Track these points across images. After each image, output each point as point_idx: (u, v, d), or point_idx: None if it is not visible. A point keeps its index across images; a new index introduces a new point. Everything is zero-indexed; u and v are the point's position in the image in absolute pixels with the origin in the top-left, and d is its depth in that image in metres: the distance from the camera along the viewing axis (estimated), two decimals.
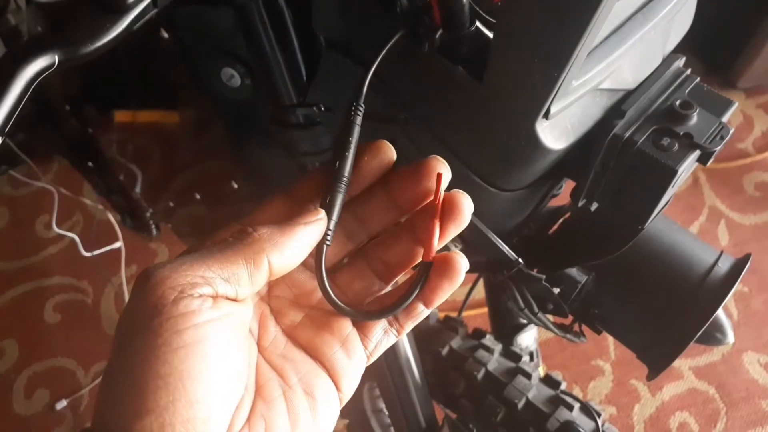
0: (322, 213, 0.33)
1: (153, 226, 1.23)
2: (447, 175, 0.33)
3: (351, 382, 0.35)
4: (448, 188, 0.34)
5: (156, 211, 1.17)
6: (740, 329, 1.43)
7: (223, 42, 0.50)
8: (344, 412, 1.00)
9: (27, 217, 1.65)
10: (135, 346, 0.27)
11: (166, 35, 0.64)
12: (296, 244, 0.31)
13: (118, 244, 1.41)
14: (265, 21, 0.46)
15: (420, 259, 0.35)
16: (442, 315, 0.92)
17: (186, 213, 1.05)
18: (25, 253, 1.60)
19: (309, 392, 0.33)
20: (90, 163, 1.12)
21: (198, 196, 0.92)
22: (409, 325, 0.36)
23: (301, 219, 0.32)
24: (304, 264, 0.34)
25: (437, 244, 0.33)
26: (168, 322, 0.27)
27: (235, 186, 0.78)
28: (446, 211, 0.33)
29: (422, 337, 0.86)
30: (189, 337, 0.27)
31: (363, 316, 0.35)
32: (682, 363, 1.38)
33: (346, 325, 0.35)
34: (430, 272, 0.34)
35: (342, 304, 0.34)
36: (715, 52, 1.80)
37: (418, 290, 0.34)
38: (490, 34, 0.37)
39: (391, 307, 0.34)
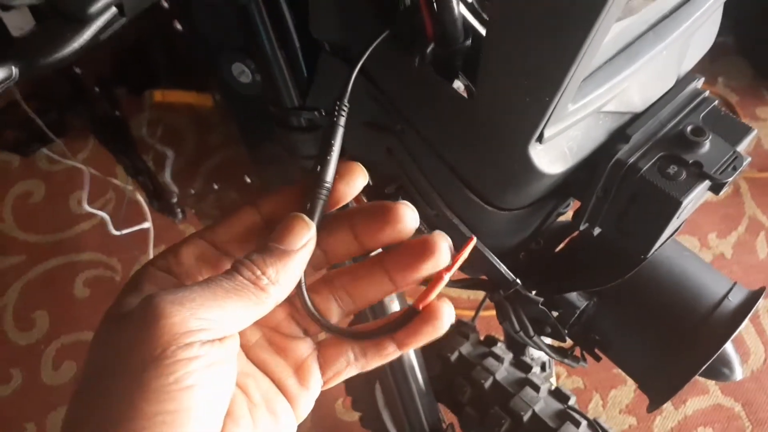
0: (313, 229, 0.32)
1: (178, 211, 1.25)
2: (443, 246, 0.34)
3: (304, 408, 0.35)
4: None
5: (182, 196, 1.18)
6: None
7: (232, 37, 0.50)
8: (357, 406, 1.00)
9: (61, 192, 1.69)
10: (138, 379, 0.27)
11: (179, 26, 0.64)
12: (295, 276, 0.32)
13: (147, 225, 1.43)
14: (266, 22, 0.45)
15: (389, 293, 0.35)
16: (455, 318, 0.91)
17: (212, 199, 1.05)
18: (59, 227, 1.64)
19: (271, 410, 0.33)
20: (119, 144, 1.14)
21: (216, 186, 0.92)
22: (375, 362, 0.35)
23: (294, 241, 0.31)
24: None
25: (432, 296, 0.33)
26: (180, 364, 0.27)
27: (249, 180, 0.78)
28: (426, 314, 0.33)
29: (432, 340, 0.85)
30: (197, 378, 0.28)
31: (335, 331, 0.34)
32: None
33: (304, 350, 0.35)
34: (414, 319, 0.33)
35: (318, 315, 0.34)
36: (765, 55, 1.72)
37: (392, 331, 0.33)
38: None
39: (359, 333, 0.34)
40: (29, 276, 1.56)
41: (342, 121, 0.34)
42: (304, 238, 0.31)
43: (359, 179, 0.34)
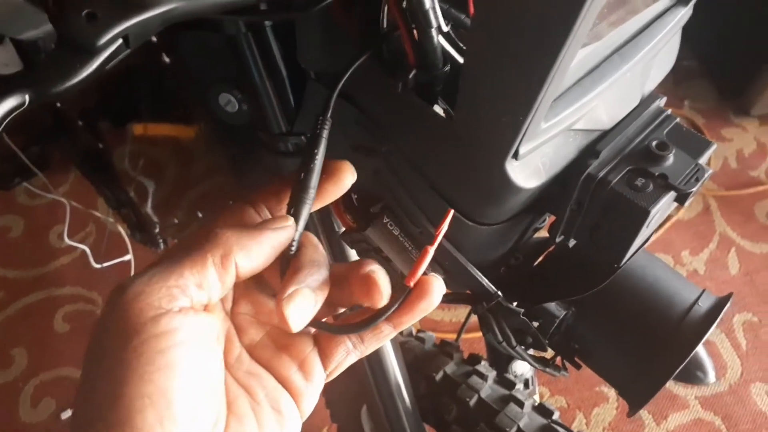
0: (291, 220, 0.33)
1: (161, 241, 1.25)
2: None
3: (309, 403, 0.35)
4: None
5: (164, 227, 1.19)
6: (749, 359, 1.40)
7: (219, 68, 0.51)
8: None
9: (41, 227, 1.68)
10: (115, 365, 0.27)
11: (167, 59, 0.66)
12: (263, 247, 0.32)
13: (128, 257, 1.43)
14: (254, 52, 0.47)
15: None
16: (438, 339, 0.92)
17: (194, 228, 1.06)
18: (38, 262, 1.63)
19: (276, 408, 0.34)
20: (101, 176, 1.14)
21: (200, 215, 0.93)
22: (373, 346, 0.36)
23: (270, 224, 0.33)
24: (265, 283, 0.35)
25: (418, 274, 0.34)
26: (150, 342, 0.27)
27: None
28: (418, 293, 0.34)
29: (417, 361, 0.86)
30: (172, 356, 0.27)
31: (330, 329, 0.35)
32: (688, 392, 1.36)
33: (306, 346, 0.36)
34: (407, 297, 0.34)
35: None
36: (729, 77, 1.79)
37: (388, 313, 0.34)
38: None
39: (360, 324, 0.34)
40: (8, 312, 1.54)
41: (324, 133, 0.36)
42: (280, 223, 0.33)
43: (347, 177, 0.36)
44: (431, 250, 0.34)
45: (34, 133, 1.18)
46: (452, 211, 0.35)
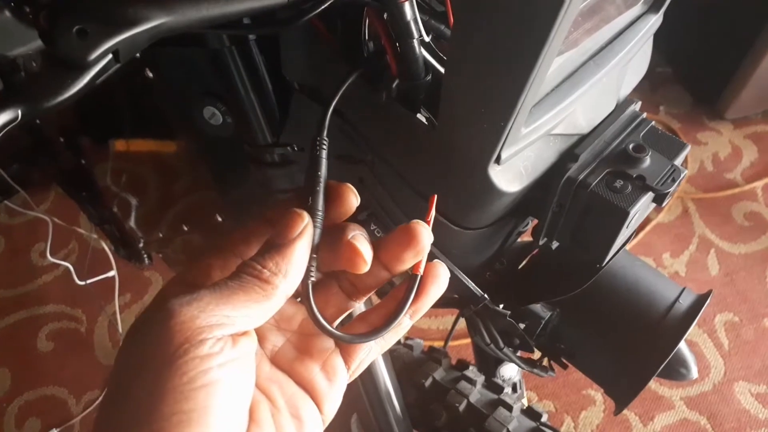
0: (307, 217, 0.34)
1: (145, 256, 1.24)
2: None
3: (332, 404, 0.36)
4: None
5: (148, 242, 1.18)
6: (731, 359, 1.42)
7: (203, 82, 0.52)
8: None
9: (22, 245, 1.66)
10: (156, 380, 0.28)
11: (150, 74, 0.66)
12: (298, 265, 0.33)
13: (112, 273, 1.42)
14: (239, 65, 0.48)
15: (386, 280, 0.36)
16: (426, 346, 0.93)
17: (178, 243, 1.06)
18: (20, 281, 1.61)
19: (295, 415, 0.34)
20: (84, 193, 1.14)
21: (185, 228, 0.93)
22: (393, 339, 0.37)
23: (290, 232, 0.33)
24: None
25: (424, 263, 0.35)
26: (194, 362, 0.28)
27: (220, 219, 0.80)
28: (427, 279, 0.35)
29: (406, 368, 0.87)
30: (213, 376, 0.29)
31: (356, 339, 0.36)
32: (673, 393, 1.38)
33: (327, 348, 0.36)
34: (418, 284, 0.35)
35: (336, 331, 0.35)
36: (703, 83, 1.83)
37: (407, 307, 0.35)
38: None
39: (382, 327, 0.35)
40: None
41: (324, 154, 0.36)
42: (299, 228, 0.33)
43: (351, 200, 0.36)
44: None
45: (15, 151, 1.17)
46: (435, 197, 0.36)
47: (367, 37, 0.41)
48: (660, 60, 1.91)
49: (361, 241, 0.35)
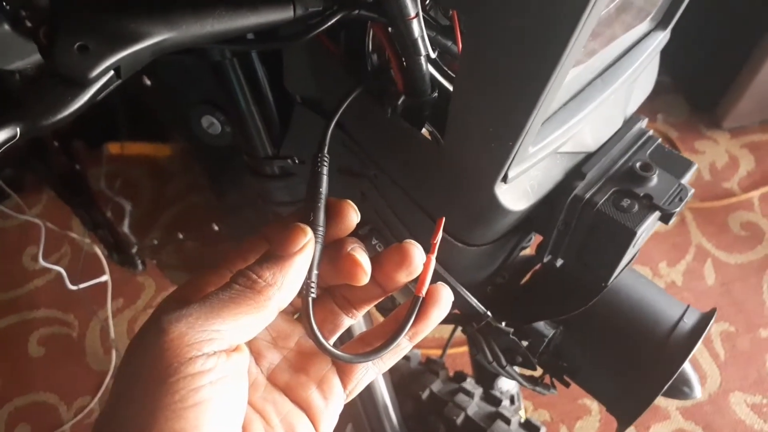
0: (310, 233, 0.33)
1: (138, 262, 1.23)
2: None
3: (329, 423, 0.36)
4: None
5: (142, 247, 1.17)
6: (727, 369, 1.42)
7: (202, 91, 0.51)
8: None
9: (14, 249, 1.65)
10: (148, 398, 0.28)
11: (148, 82, 0.65)
12: (295, 279, 0.32)
13: (104, 278, 1.41)
14: (240, 77, 0.47)
15: (380, 297, 0.36)
16: (424, 357, 0.92)
17: (172, 249, 1.05)
18: (11, 285, 1.60)
19: None
20: (77, 197, 1.13)
21: (181, 236, 0.92)
22: (392, 361, 0.36)
23: (291, 246, 0.32)
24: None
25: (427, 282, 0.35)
26: (185, 381, 0.28)
27: (216, 228, 0.79)
28: (429, 302, 0.35)
29: (403, 380, 0.86)
30: (204, 394, 0.28)
31: (354, 359, 0.35)
32: (669, 403, 1.38)
33: (323, 366, 0.36)
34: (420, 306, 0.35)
35: (334, 350, 0.34)
36: (700, 92, 1.83)
37: (407, 329, 0.35)
38: None
39: (381, 348, 0.35)
40: None
41: (325, 170, 0.36)
42: (301, 242, 0.32)
43: (352, 217, 0.36)
44: (433, 258, 0.35)
45: (8, 155, 1.16)
46: (444, 219, 0.35)
47: (370, 49, 0.41)
48: (658, 69, 1.91)
49: (360, 253, 0.34)
